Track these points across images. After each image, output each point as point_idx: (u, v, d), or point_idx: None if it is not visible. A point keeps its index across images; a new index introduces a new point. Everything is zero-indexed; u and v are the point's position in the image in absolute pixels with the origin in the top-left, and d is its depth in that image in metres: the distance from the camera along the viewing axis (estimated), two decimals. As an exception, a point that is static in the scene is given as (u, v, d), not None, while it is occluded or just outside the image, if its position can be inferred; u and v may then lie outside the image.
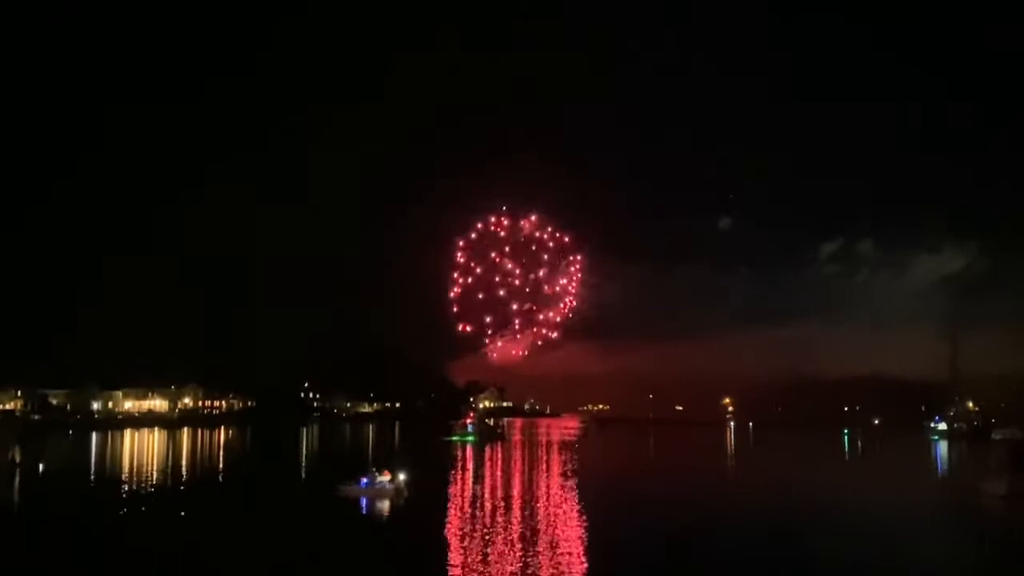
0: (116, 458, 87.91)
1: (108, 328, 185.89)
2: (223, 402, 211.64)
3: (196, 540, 35.84)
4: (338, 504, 46.82)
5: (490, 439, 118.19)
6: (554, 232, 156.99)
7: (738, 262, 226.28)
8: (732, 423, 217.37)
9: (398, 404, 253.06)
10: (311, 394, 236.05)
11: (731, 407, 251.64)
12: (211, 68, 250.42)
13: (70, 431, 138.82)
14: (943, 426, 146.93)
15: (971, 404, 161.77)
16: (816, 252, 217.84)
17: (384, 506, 46.37)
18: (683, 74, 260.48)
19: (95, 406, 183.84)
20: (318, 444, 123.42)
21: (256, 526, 39.94)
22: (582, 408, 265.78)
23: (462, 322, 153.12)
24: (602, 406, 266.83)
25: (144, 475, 65.40)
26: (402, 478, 50.75)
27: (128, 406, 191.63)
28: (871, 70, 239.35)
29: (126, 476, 64.70)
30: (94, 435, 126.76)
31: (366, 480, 49.63)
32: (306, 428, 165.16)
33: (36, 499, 51.34)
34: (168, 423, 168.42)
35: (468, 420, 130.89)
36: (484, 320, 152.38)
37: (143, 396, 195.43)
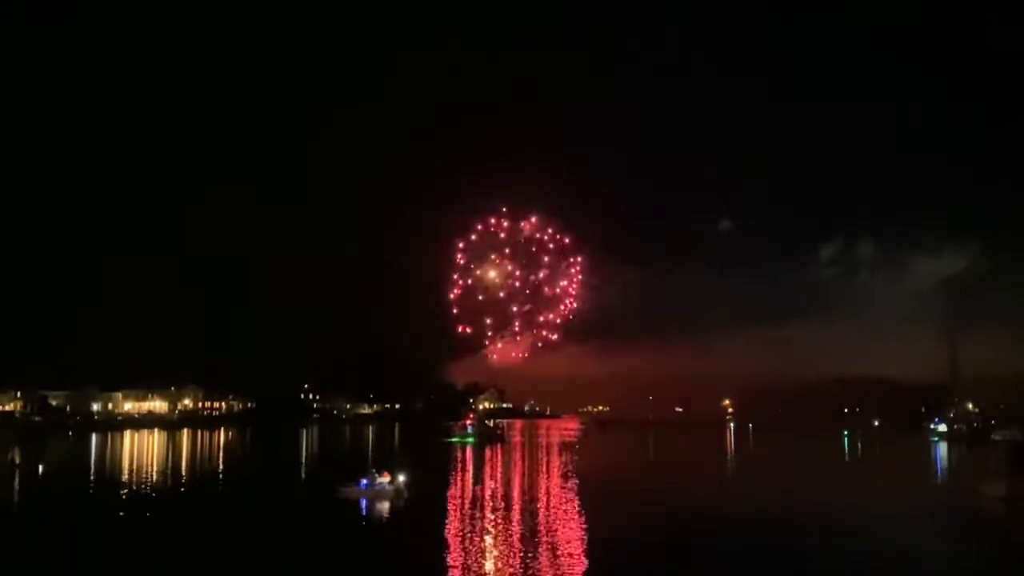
0: (116, 459, 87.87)
1: (108, 329, 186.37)
2: (223, 403, 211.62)
3: (196, 541, 35.87)
4: (338, 505, 46.80)
5: (490, 440, 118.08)
6: (554, 233, 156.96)
7: (738, 263, 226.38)
8: (732, 424, 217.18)
9: (398, 405, 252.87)
10: (311, 395, 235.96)
11: (731, 408, 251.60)
12: (211, 68, 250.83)
13: (70, 432, 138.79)
14: (943, 427, 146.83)
15: (971, 405, 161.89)
16: (816, 253, 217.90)
17: (384, 507, 46.34)
18: (683, 74, 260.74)
19: (95, 407, 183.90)
20: (318, 445, 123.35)
21: (256, 527, 39.93)
22: (582, 409, 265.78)
23: (462, 323, 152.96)
24: (602, 407, 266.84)
25: (144, 476, 65.42)
26: (402, 479, 50.74)
27: (128, 407, 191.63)
28: (871, 70, 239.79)
29: (126, 477, 64.71)
30: (94, 436, 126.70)
31: (366, 481, 49.60)
32: (306, 429, 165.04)
33: (36, 500, 51.32)
34: (168, 424, 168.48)
35: (468, 421, 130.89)
36: (484, 321, 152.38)
37: (143, 397, 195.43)
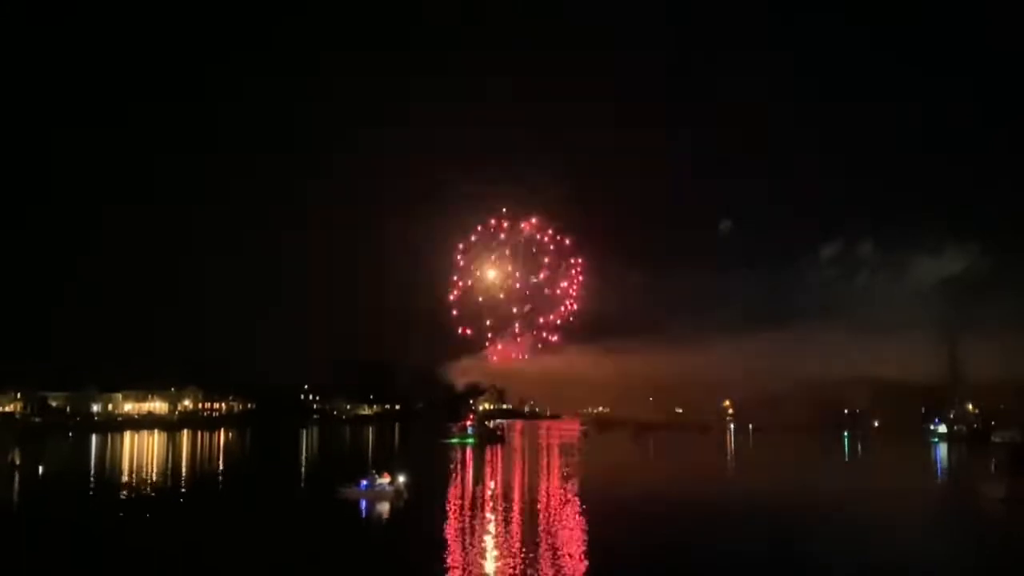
0: (116, 460, 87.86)
1: (108, 329, 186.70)
2: (223, 404, 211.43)
3: (196, 541, 35.90)
4: (338, 506, 46.81)
5: (490, 441, 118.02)
6: (554, 234, 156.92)
7: (738, 263, 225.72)
8: (732, 425, 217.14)
9: (398, 406, 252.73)
10: (311, 396, 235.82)
11: (731, 409, 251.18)
12: (211, 68, 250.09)
13: (70, 433, 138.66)
14: (943, 429, 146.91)
15: (971, 407, 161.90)
16: (816, 253, 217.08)
17: (384, 508, 46.38)
18: (683, 74, 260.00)
19: (95, 408, 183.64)
20: (318, 446, 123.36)
21: (256, 528, 39.95)
22: (582, 411, 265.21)
23: (462, 325, 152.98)
24: (602, 408, 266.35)
25: (144, 477, 65.45)
26: (402, 480, 50.76)
27: (128, 408, 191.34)
28: (871, 70, 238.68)
29: (126, 479, 64.71)
30: (94, 437, 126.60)
31: (366, 482, 49.62)
32: (306, 430, 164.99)
33: (36, 501, 51.32)
34: (168, 425, 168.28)
35: (468, 422, 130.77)
36: (484, 323, 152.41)
37: (143, 398, 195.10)
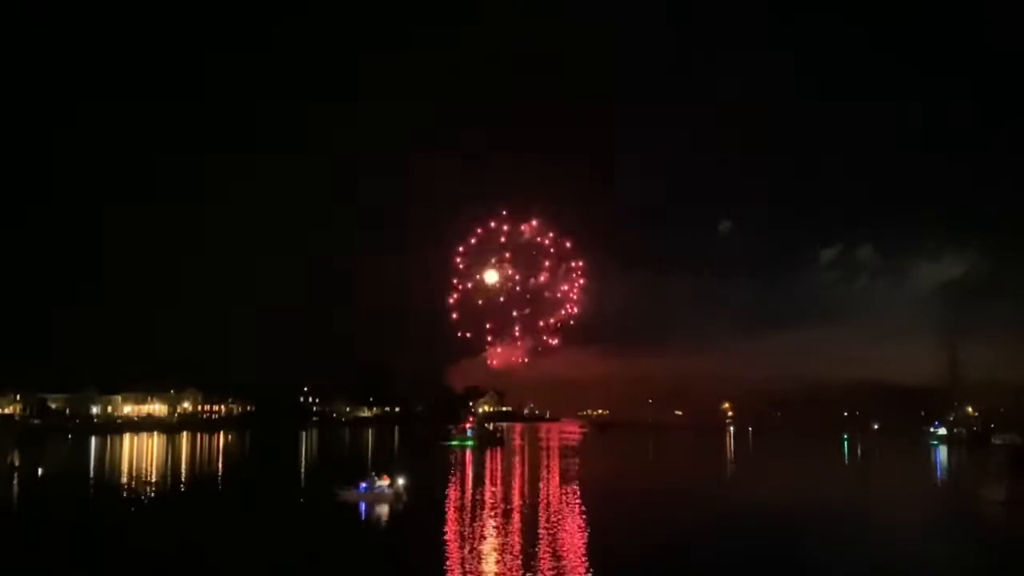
0: (115, 462, 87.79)
1: (108, 330, 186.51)
2: (222, 406, 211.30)
3: (196, 542, 35.88)
4: (337, 509, 46.78)
5: (490, 444, 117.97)
6: (555, 237, 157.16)
7: (738, 265, 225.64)
8: (732, 428, 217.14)
9: (397, 409, 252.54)
10: (310, 398, 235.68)
11: (731, 412, 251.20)
12: (211, 68, 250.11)
13: (69, 435, 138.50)
14: (943, 431, 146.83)
15: (971, 409, 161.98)
16: (816, 255, 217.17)
17: (383, 511, 46.32)
18: (683, 74, 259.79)
19: (94, 410, 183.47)
20: (317, 449, 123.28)
21: (255, 530, 39.91)
22: (582, 413, 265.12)
23: (462, 328, 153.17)
24: (601, 411, 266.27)
25: (143, 479, 65.41)
26: (401, 483, 50.70)
27: (127, 410, 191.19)
28: (871, 70, 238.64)
29: (125, 480, 64.69)
30: (93, 439, 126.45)
31: (365, 485, 49.57)
32: (305, 432, 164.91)
33: (35, 503, 51.28)
34: (167, 427, 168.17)
35: (467, 425, 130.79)
36: (484, 325, 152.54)
37: (142, 400, 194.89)
